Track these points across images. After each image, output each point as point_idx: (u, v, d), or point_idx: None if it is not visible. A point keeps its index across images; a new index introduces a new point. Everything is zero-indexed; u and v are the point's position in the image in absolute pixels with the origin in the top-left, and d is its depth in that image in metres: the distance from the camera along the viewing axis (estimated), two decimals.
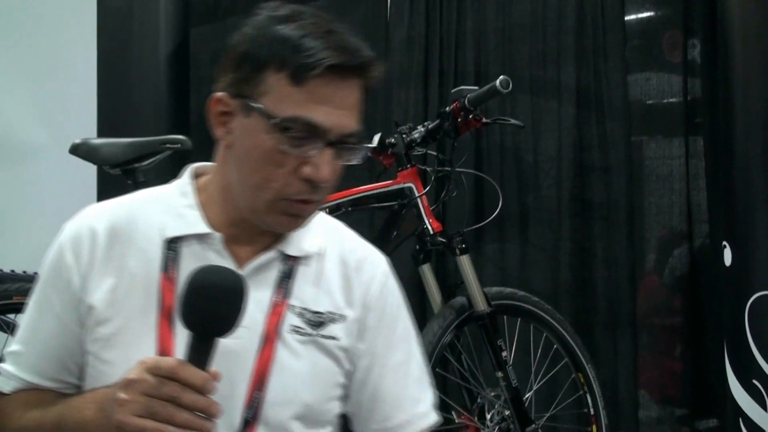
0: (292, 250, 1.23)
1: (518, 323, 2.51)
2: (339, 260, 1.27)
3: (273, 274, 1.22)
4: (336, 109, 1.13)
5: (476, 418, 2.36)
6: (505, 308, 2.46)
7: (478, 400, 2.38)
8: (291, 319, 1.21)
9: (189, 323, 1.03)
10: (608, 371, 2.80)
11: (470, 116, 2.40)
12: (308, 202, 1.17)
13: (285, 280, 1.22)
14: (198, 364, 1.03)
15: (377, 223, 2.60)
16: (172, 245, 1.20)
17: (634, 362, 2.84)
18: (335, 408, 1.27)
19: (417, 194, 2.42)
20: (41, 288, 1.23)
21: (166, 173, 2.82)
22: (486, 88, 2.34)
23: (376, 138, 2.53)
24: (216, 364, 1.05)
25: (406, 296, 2.60)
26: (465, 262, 2.38)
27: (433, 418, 1.34)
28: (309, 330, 1.20)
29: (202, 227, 1.20)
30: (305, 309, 1.22)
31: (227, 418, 1.13)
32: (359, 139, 1.17)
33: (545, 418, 2.51)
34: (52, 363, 1.22)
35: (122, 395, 1.02)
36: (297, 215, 1.18)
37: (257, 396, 1.16)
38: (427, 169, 2.50)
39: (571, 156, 2.90)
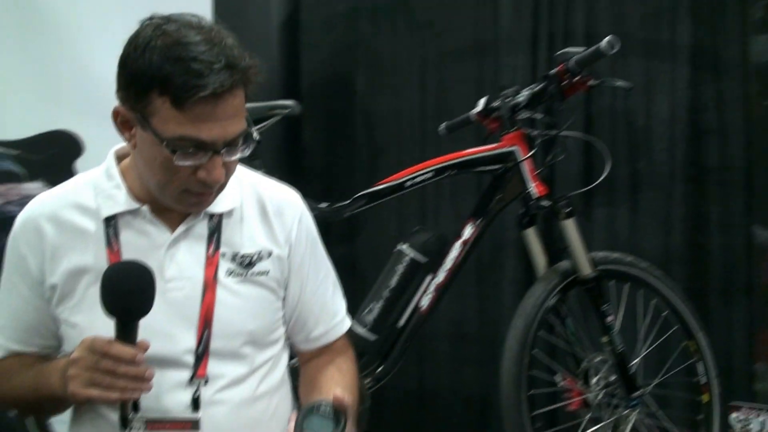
0: (215, 208, 1.44)
1: (626, 289, 2.49)
2: (258, 207, 1.48)
3: (203, 230, 1.43)
4: (218, 122, 1.27)
5: (580, 383, 2.38)
6: (612, 273, 2.46)
7: (583, 364, 2.39)
8: (225, 265, 1.43)
9: (111, 313, 1.27)
10: (722, 341, 2.73)
11: (576, 79, 2.39)
12: (209, 193, 1.37)
13: (214, 234, 1.43)
14: (126, 341, 1.27)
15: (482, 187, 2.60)
16: (110, 223, 1.40)
17: (750, 332, 2.78)
18: (279, 329, 1.51)
19: (521, 158, 2.44)
20: (6, 272, 1.46)
21: (278, 138, 3.02)
22: (591, 49, 2.32)
23: (482, 102, 2.59)
24: (168, 311, 1.33)
25: (511, 261, 2.71)
26: (570, 225, 2.39)
27: (346, 324, 1.63)
28: (242, 270, 1.43)
29: (131, 204, 1.41)
30: (236, 254, 1.43)
31: (182, 357, 1.37)
32: (245, 137, 1.33)
33: (652, 384, 2.49)
34: (28, 332, 1.45)
35: (71, 371, 1.28)
36: (200, 202, 1.39)
37: (206, 333, 1.39)
38: (533, 132, 2.51)
39: (685, 118, 2.82)
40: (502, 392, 2.25)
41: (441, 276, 2.41)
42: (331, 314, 1.60)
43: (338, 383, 1.50)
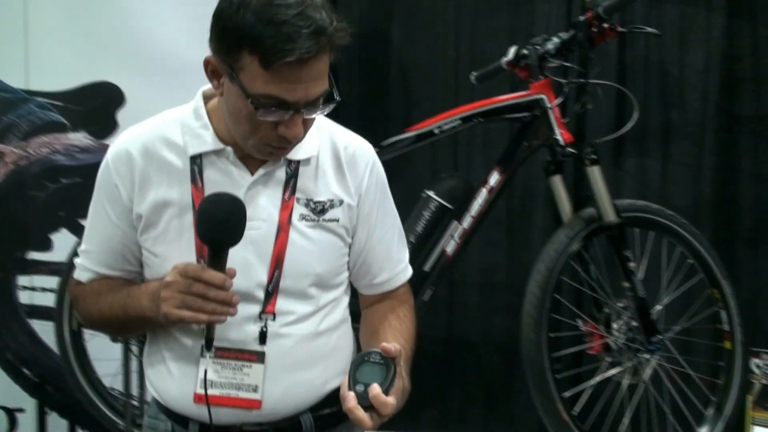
0: (293, 156, 1.49)
1: (651, 237, 2.54)
2: (333, 157, 1.54)
3: (281, 175, 1.49)
4: (302, 84, 1.33)
5: (602, 328, 2.45)
6: (637, 221, 2.51)
7: (605, 310, 2.46)
8: (299, 210, 1.48)
9: (204, 241, 1.36)
10: (747, 290, 2.77)
11: (605, 26, 2.41)
12: (288, 147, 1.44)
13: (291, 180, 1.49)
14: (217, 267, 1.35)
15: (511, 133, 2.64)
16: (196, 160, 1.47)
17: None
18: (344, 273, 1.57)
19: (548, 105, 2.47)
20: (96, 199, 1.53)
21: None
22: None
23: (512, 50, 2.60)
24: (244, 249, 1.38)
25: (540, 210, 2.77)
26: (595, 172, 2.43)
27: (409, 272, 1.66)
28: (314, 216, 1.49)
29: (217, 144, 1.47)
30: (310, 200, 1.50)
31: (254, 292, 1.44)
32: (326, 98, 1.39)
33: (673, 330, 2.55)
34: (114, 256, 1.53)
35: (164, 293, 1.36)
36: (279, 154, 1.46)
37: (276, 273, 1.46)
38: (562, 81, 2.53)
39: (719, 67, 2.82)
40: (522, 333, 2.34)
41: (467, 222, 2.47)
42: (395, 262, 1.63)
43: (397, 332, 1.55)
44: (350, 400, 1.29)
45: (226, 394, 1.44)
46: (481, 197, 2.50)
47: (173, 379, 1.49)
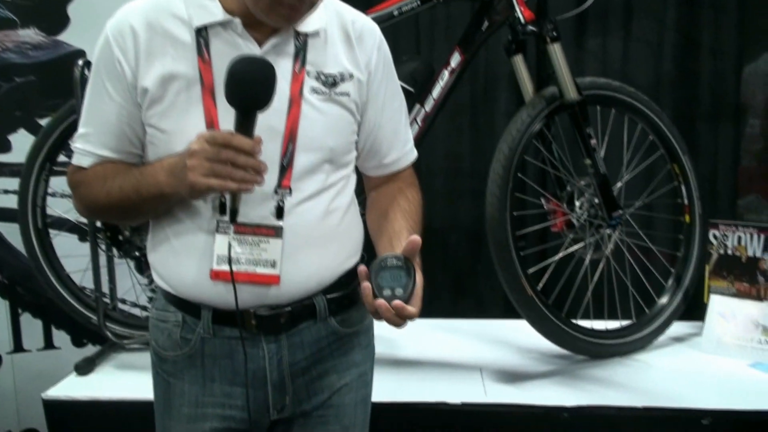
0: (302, 28, 1.45)
1: (612, 114, 2.55)
2: (342, 31, 1.50)
3: (290, 48, 1.44)
4: None
5: (565, 205, 2.45)
6: (598, 98, 2.50)
7: (567, 188, 2.46)
8: (310, 83, 1.44)
9: (235, 104, 1.28)
10: (707, 163, 2.82)
11: None
12: (300, 5, 1.38)
13: (300, 52, 1.44)
14: (245, 134, 1.29)
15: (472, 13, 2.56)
16: (201, 32, 1.41)
17: (735, 154, 2.86)
18: (352, 152, 1.55)
19: None
20: (95, 78, 1.46)
21: None
22: None
23: None
24: (256, 127, 1.31)
25: (504, 93, 2.76)
26: (555, 50, 2.40)
27: (414, 153, 1.65)
28: (325, 89, 1.45)
29: (223, 15, 1.41)
30: (320, 72, 1.45)
31: (269, 168, 1.37)
32: None
33: (635, 206, 2.57)
34: (116, 138, 1.46)
35: (190, 161, 1.30)
36: (291, 16, 1.39)
37: (290, 147, 1.42)
38: None
39: None
40: (487, 213, 2.33)
41: (429, 106, 2.45)
42: (402, 141, 1.62)
43: (406, 213, 1.53)
44: (384, 310, 1.29)
45: (245, 270, 1.41)
46: (443, 79, 2.47)
47: (185, 261, 1.45)
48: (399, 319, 1.28)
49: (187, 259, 1.43)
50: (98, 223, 2.49)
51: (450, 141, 3.09)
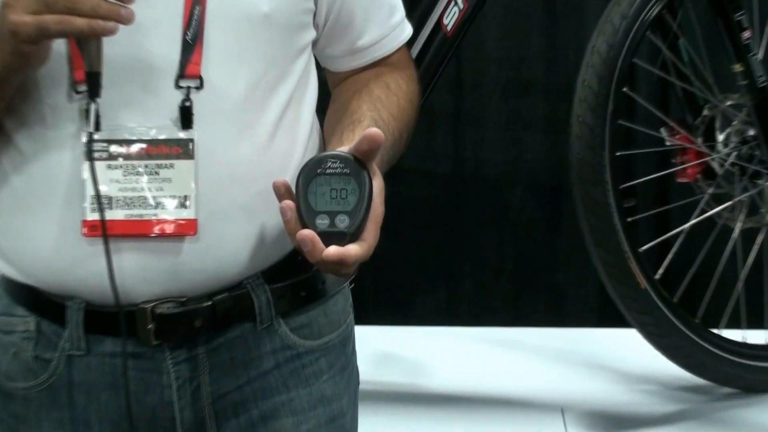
0: None
1: None
2: None
3: None
4: None
5: (700, 139, 2.17)
6: None
7: (705, 111, 2.18)
8: None
9: None
10: None
11: None
12: None
13: None
14: None
15: None
16: None
17: None
18: (307, 32, 1.30)
19: None
20: None
21: None
22: None
23: None
24: None
25: None
26: None
27: (407, 30, 1.42)
28: None
29: None
30: None
31: (165, 44, 1.17)
32: None
33: None
34: None
35: None
36: None
37: (197, 9, 1.21)
38: None
39: None
40: (572, 153, 2.08)
41: None
42: (386, 11, 1.37)
43: (379, 103, 1.31)
44: (312, 249, 1.04)
45: (137, 216, 1.18)
46: None
47: (38, 217, 1.21)
48: (339, 266, 1.06)
49: (42, 212, 1.19)
50: None
51: (508, 35, 2.80)
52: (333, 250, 1.04)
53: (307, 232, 1.04)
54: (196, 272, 1.19)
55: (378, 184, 1.10)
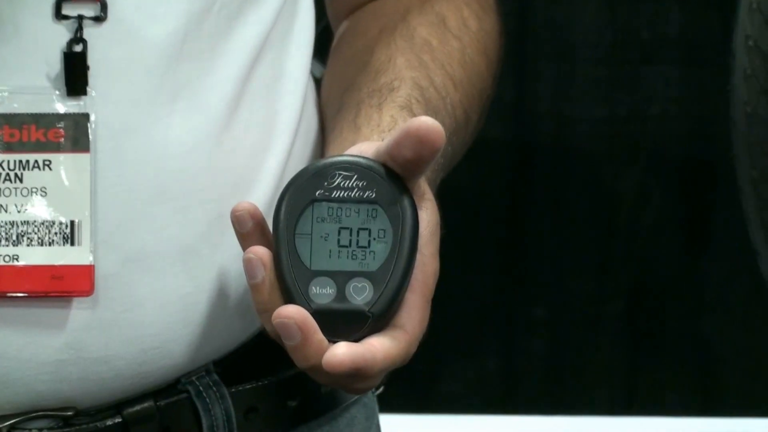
0: None
1: None
2: None
3: None
4: None
5: None
6: None
7: None
8: None
9: None
10: None
11: None
12: None
13: None
14: None
15: None
16: None
17: None
18: None
19: None
20: None
21: None
22: None
23: None
24: None
25: None
26: None
27: None
28: None
29: None
30: None
31: None
32: None
33: None
34: None
35: None
36: None
37: None
38: None
39: None
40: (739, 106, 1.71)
41: None
42: None
43: (429, 53, 0.90)
44: (309, 342, 0.69)
45: None
46: None
47: None
48: (352, 378, 0.70)
49: None
50: None
51: None
52: (342, 350, 0.70)
53: (292, 311, 0.71)
54: (93, 363, 0.82)
55: (429, 218, 0.75)
